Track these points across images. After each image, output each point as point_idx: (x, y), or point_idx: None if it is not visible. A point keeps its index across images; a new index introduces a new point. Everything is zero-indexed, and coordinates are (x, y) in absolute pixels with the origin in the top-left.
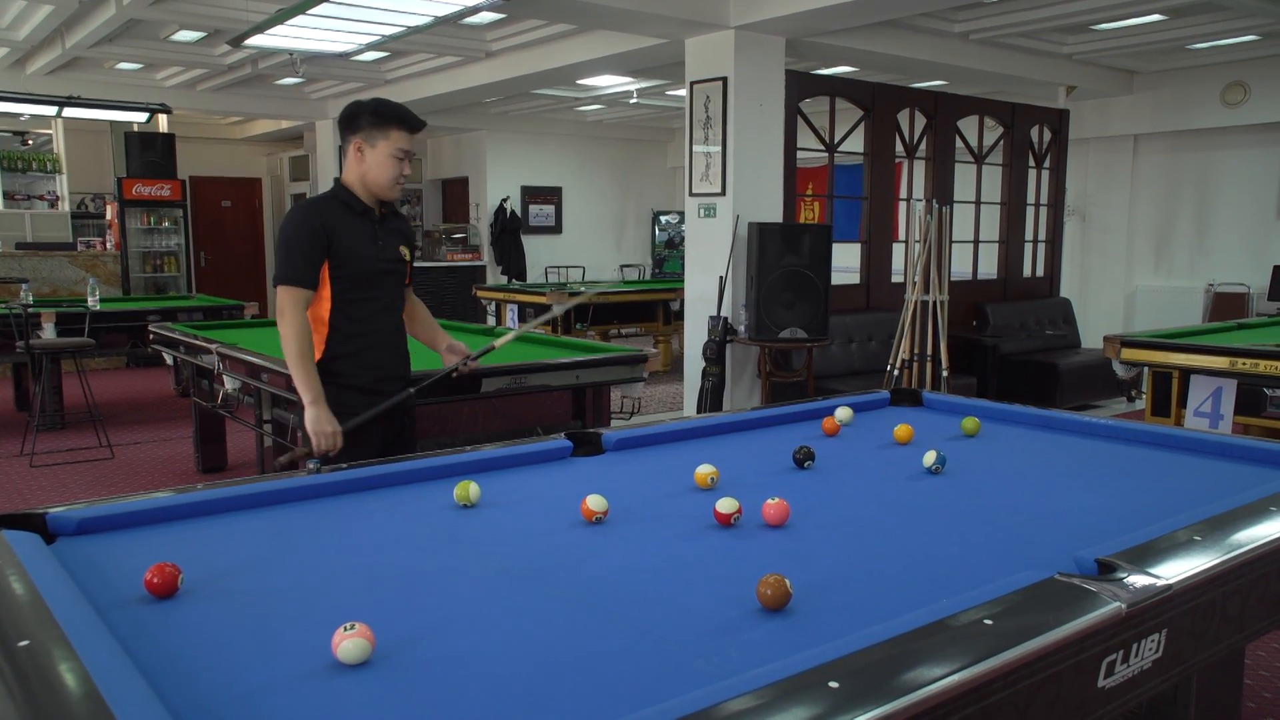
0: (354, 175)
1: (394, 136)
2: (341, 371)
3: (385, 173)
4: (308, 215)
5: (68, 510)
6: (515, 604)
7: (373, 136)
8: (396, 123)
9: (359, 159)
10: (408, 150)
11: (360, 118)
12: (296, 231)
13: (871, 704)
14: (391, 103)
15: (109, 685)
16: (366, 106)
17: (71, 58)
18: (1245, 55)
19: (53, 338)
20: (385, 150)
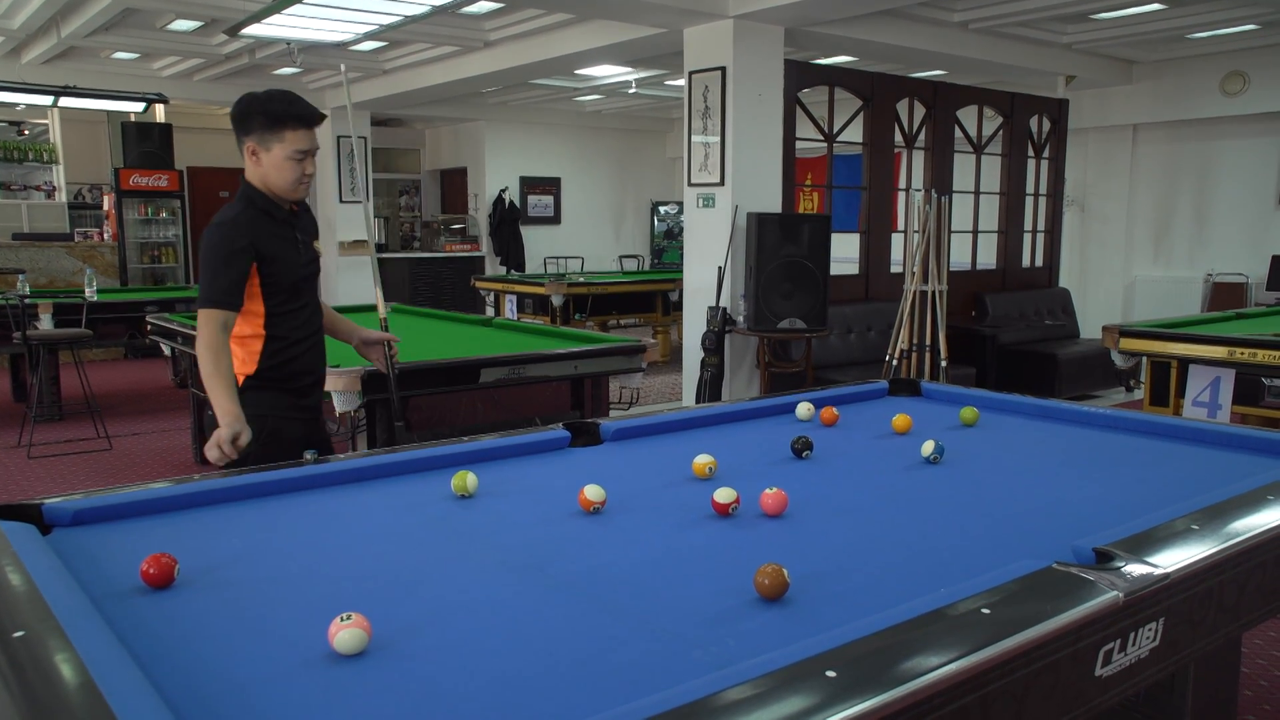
0: (255, 178)
1: (289, 138)
2: (279, 377)
3: (284, 177)
4: (231, 236)
5: (64, 501)
6: (513, 594)
7: (266, 139)
8: (291, 122)
9: (255, 163)
10: (307, 149)
11: (251, 119)
12: (216, 254)
13: (869, 693)
14: (284, 97)
15: (104, 676)
16: (257, 105)
17: (67, 47)
18: (1244, 45)
19: (50, 329)
20: (281, 153)
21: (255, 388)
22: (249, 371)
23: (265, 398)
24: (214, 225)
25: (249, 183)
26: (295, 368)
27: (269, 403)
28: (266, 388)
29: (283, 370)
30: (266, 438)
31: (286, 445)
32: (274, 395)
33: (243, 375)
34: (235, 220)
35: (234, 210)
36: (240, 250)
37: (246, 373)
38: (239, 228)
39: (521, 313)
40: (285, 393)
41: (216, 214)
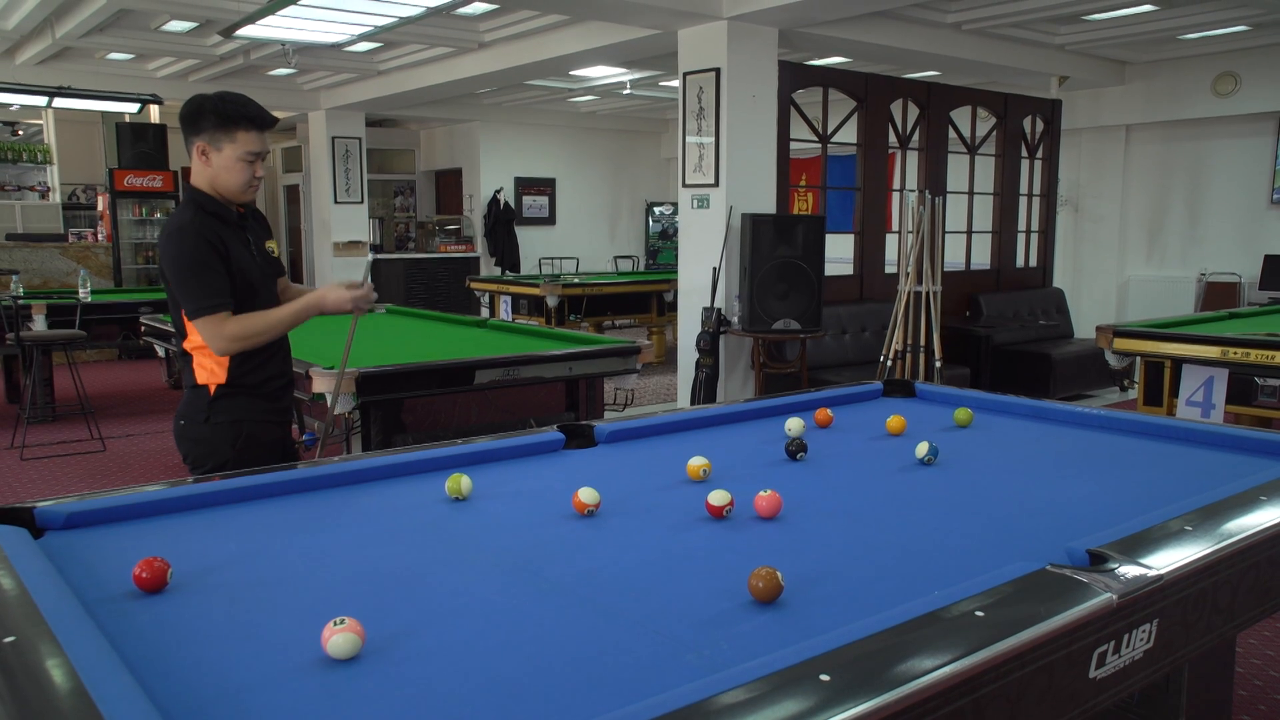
0: (205, 181)
1: (241, 139)
2: (251, 384)
3: (235, 178)
4: (201, 235)
5: (56, 504)
6: (506, 598)
7: (218, 139)
8: (244, 123)
9: (204, 163)
10: (258, 151)
11: (202, 118)
12: (190, 259)
13: (863, 696)
14: (237, 99)
15: (96, 681)
16: (209, 105)
17: (62, 48)
18: (1236, 45)
19: (43, 329)
20: (232, 154)
21: (228, 395)
22: (220, 381)
23: (239, 404)
24: (172, 233)
25: (195, 188)
26: (265, 373)
27: (243, 408)
28: (239, 394)
29: (253, 376)
30: (244, 443)
31: (264, 450)
32: (248, 400)
33: (214, 385)
34: (193, 223)
35: (186, 215)
36: (210, 248)
37: (218, 382)
38: (200, 228)
39: (516, 314)
40: (258, 398)
41: (169, 220)
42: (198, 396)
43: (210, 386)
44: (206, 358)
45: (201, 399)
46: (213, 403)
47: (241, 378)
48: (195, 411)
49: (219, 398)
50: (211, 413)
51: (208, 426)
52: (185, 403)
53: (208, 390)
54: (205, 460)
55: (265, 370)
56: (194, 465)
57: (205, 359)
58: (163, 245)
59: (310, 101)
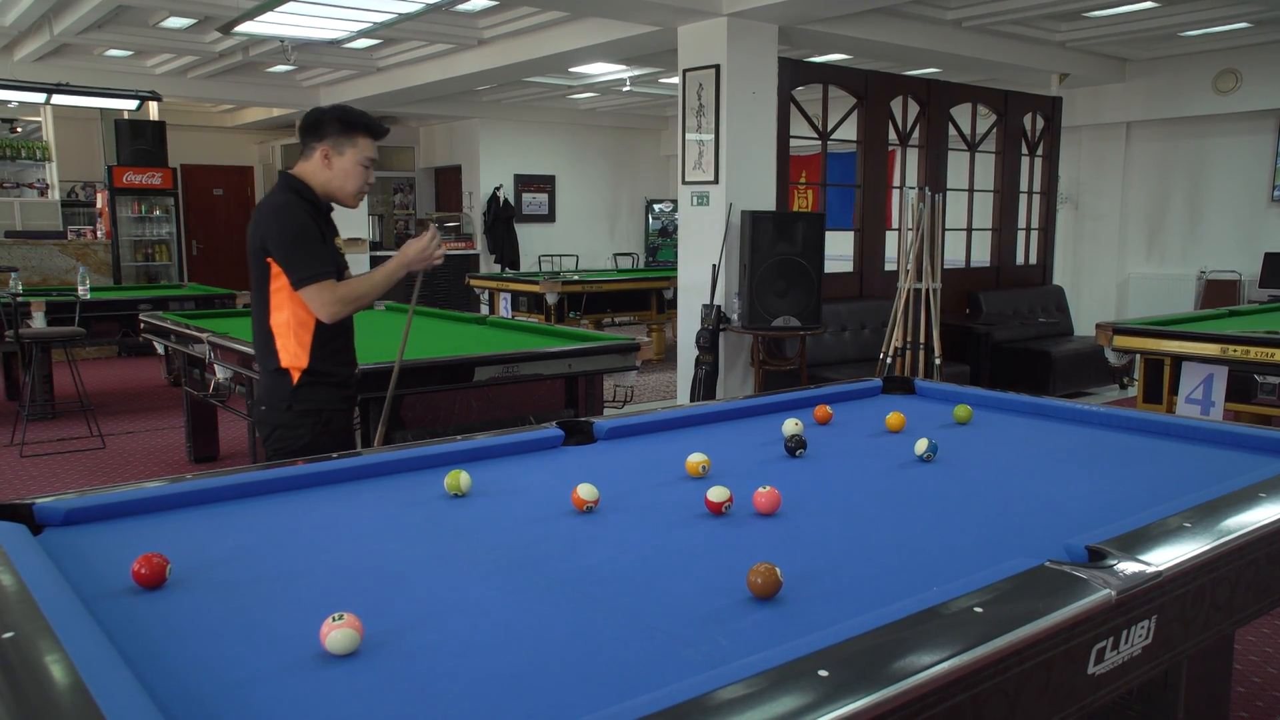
0: (318, 181)
1: (361, 145)
2: (328, 369)
3: (352, 181)
4: (303, 211)
5: (55, 501)
6: (505, 594)
7: (340, 144)
8: (364, 131)
9: (325, 165)
10: (374, 158)
11: (326, 125)
12: (305, 228)
13: (861, 692)
14: (357, 110)
15: (95, 677)
16: (332, 113)
17: (60, 44)
18: (1237, 43)
19: (43, 327)
20: (353, 158)
21: (309, 384)
22: (303, 365)
23: (320, 393)
24: (277, 208)
25: (294, 176)
26: (340, 358)
27: (324, 397)
28: (319, 383)
29: (330, 360)
30: (322, 429)
31: (338, 435)
32: (327, 390)
33: (298, 370)
34: (295, 202)
35: (285, 196)
36: (313, 224)
37: (300, 366)
38: (302, 208)
39: (516, 311)
40: (334, 386)
41: (267, 200)
42: (280, 383)
43: (293, 373)
44: (292, 336)
45: (284, 386)
46: (295, 391)
47: (321, 361)
48: (277, 399)
49: (301, 386)
50: (294, 400)
51: (290, 414)
52: (266, 389)
53: (290, 377)
54: (284, 444)
55: (341, 356)
56: (273, 450)
57: (289, 340)
58: (264, 222)
59: (309, 98)
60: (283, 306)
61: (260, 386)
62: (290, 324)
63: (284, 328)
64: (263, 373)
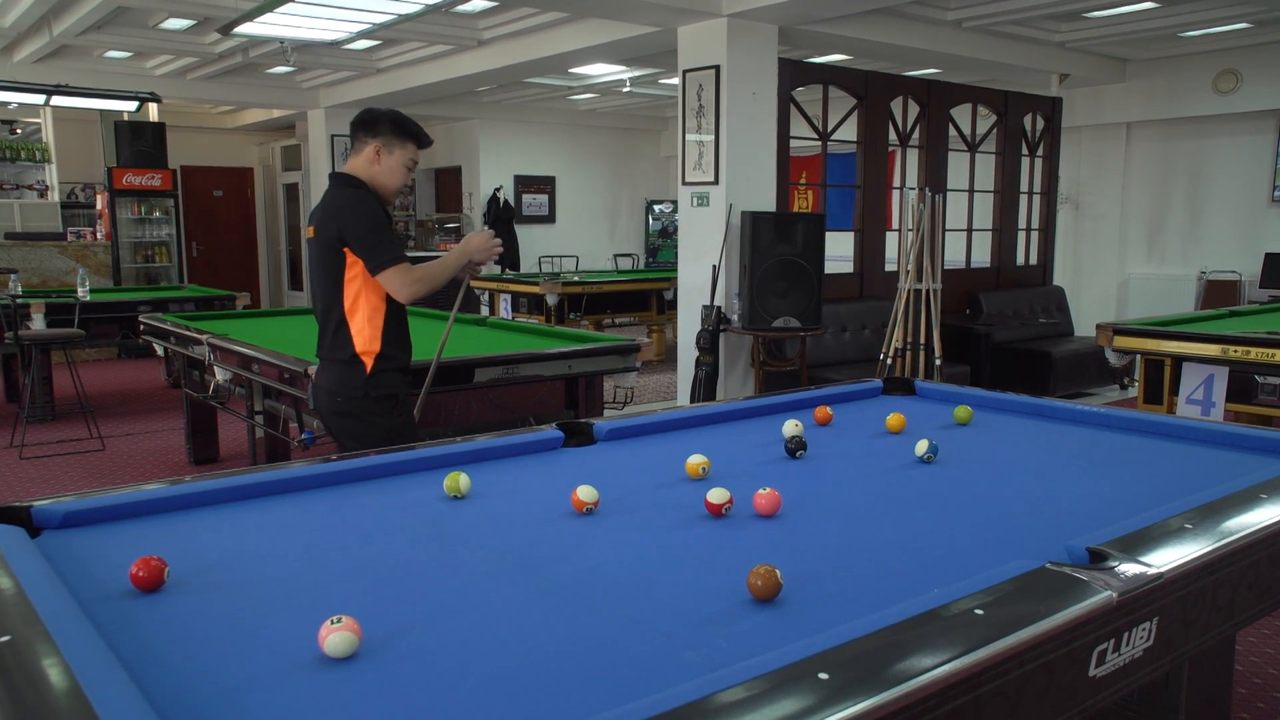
0: (366, 174)
1: (409, 148)
2: (395, 355)
3: (396, 179)
4: (374, 201)
5: (53, 503)
6: (504, 596)
7: (392, 144)
8: (414, 138)
9: (375, 160)
10: (416, 161)
11: (381, 124)
12: (376, 218)
13: (862, 695)
14: (405, 116)
15: (91, 681)
16: (387, 115)
17: (59, 45)
18: (1237, 43)
19: (42, 328)
20: (401, 159)
21: (383, 369)
22: (376, 350)
23: (392, 378)
24: (353, 202)
25: (352, 175)
26: (404, 344)
27: (396, 381)
28: (391, 368)
29: (397, 346)
30: (397, 413)
31: (407, 418)
32: (397, 374)
33: (372, 355)
34: (367, 195)
35: (354, 191)
36: (384, 213)
37: (374, 350)
38: (373, 200)
39: (516, 312)
40: (401, 370)
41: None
42: (353, 371)
43: (367, 359)
44: (367, 323)
45: (358, 374)
46: (370, 378)
47: (391, 346)
48: (352, 387)
49: (376, 372)
50: (369, 386)
51: (367, 400)
52: (337, 379)
53: (364, 365)
54: (362, 430)
55: (404, 342)
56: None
57: (364, 327)
58: (339, 214)
59: (309, 99)
60: (356, 295)
61: (328, 378)
62: (364, 312)
63: (358, 316)
64: (331, 364)
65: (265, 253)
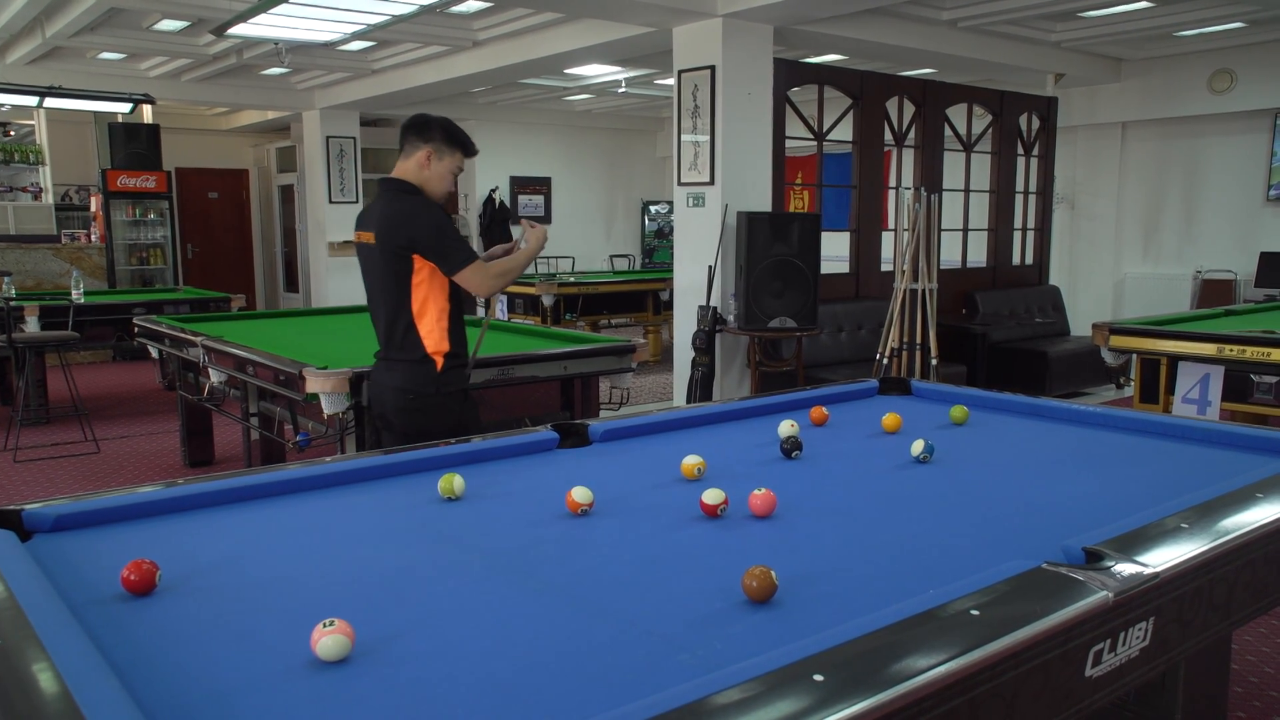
0: (417, 179)
1: (457, 156)
2: (460, 353)
3: (444, 184)
4: (439, 207)
5: (44, 506)
6: (499, 598)
7: (442, 151)
8: (462, 146)
9: (425, 165)
10: (462, 169)
11: (434, 130)
12: (446, 221)
13: (857, 697)
14: (455, 125)
15: (80, 686)
16: (439, 122)
17: (52, 47)
18: (1232, 42)
19: (36, 331)
20: (449, 165)
21: (452, 367)
22: (446, 349)
23: (459, 375)
24: (421, 208)
25: (403, 179)
26: (464, 343)
27: (462, 378)
28: (458, 365)
29: (460, 344)
30: (466, 407)
31: (472, 412)
32: (462, 371)
33: (442, 354)
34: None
35: (419, 198)
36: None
37: (444, 350)
38: (438, 205)
39: (512, 312)
40: (462, 367)
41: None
42: (424, 370)
43: (437, 358)
44: (435, 323)
45: (429, 372)
46: (441, 375)
47: (456, 344)
48: (424, 384)
49: (446, 370)
50: (441, 384)
51: (439, 396)
52: (409, 377)
53: (434, 364)
54: (433, 425)
55: (464, 340)
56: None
57: (433, 329)
58: (408, 222)
59: (304, 101)
60: (424, 299)
61: (399, 378)
62: (432, 314)
63: (426, 319)
64: (400, 364)
65: (261, 255)
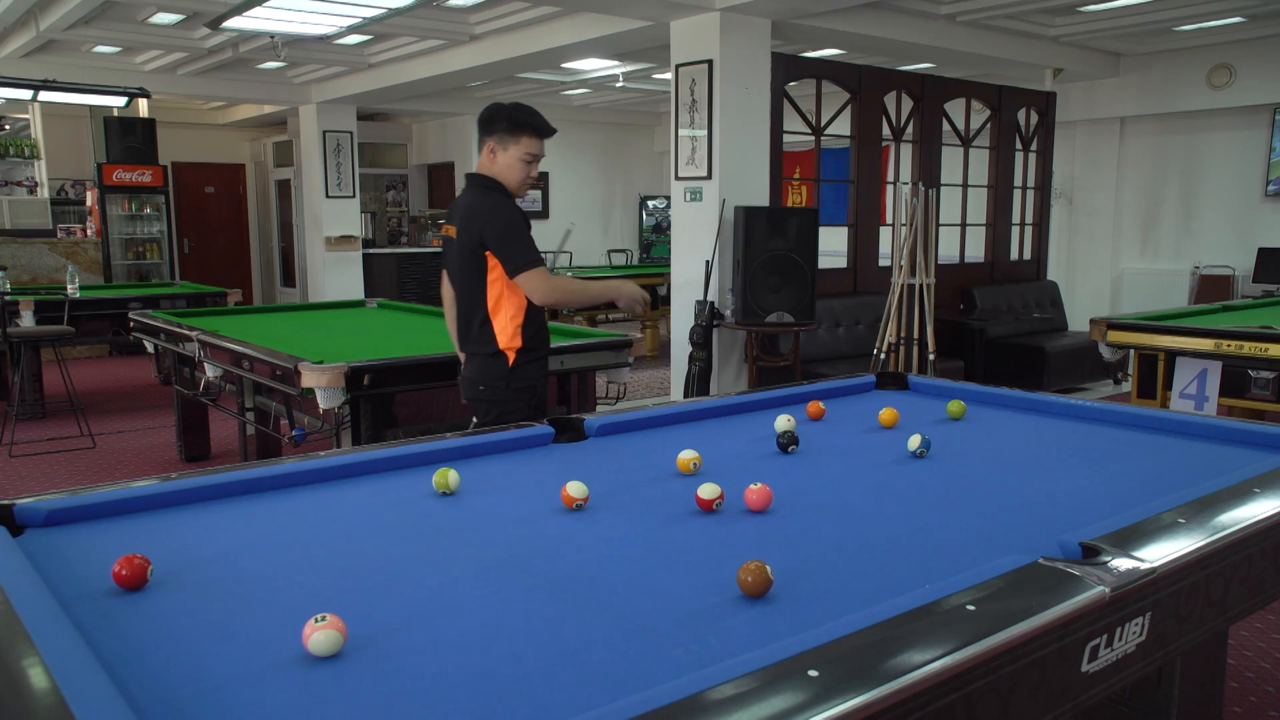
0: (491, 173)
1: (524, 142)
2: (535, 348)
3: (515, 174)
4: (514, 205)
5: (37, 501)
6: (493, 593)
7: (505, 140)
8: (528, 129)
9: (491, 160)
10: (536, 154)
11: (495, 121)
12: (521, 222)
13: (852, 692)
14: (526, 109)
15: (69, 682)
16: (503, 112)
17: (46, 40)
18: (1231, 37)
19: (32, 326)
20: (515, 154)
21: (525, 362)
22: (518, 345)
23: (532, 370)
24: (495, 206)
25: (488, 176)
26: (543, 337)
27: (535, 373)
28: (531, 361)
29: (536, 339)
30: (537, 402)
31: (543, 408)
32: (537, 366)
33: (514, 350)
34: (509, 200)
35: (496, 195)
36: (523, 217)
37: (517, 346)
38: (513, 204)
39: None
40: (540, 361)
41: (474, 201)
42: (496, 365)
43: (509, 354)
44: (510, 321)
45: (501, 367)
46: (513, 371)
47: (530, 339)
48: (495, 378)
49: (517, 365)
50: (512, 379)
51: (509, 391)
52: (481, 369)
53: (506, 359)
54: (503, 418)
55: (543, 335)
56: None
57: (506, 325)
58: (480, 218)
59: (301, 95)
60: (499, 296)
61: (473, 369)
62: (507, 311)
63: (500, 315)
64: (476, 357)
65: (257, 249)
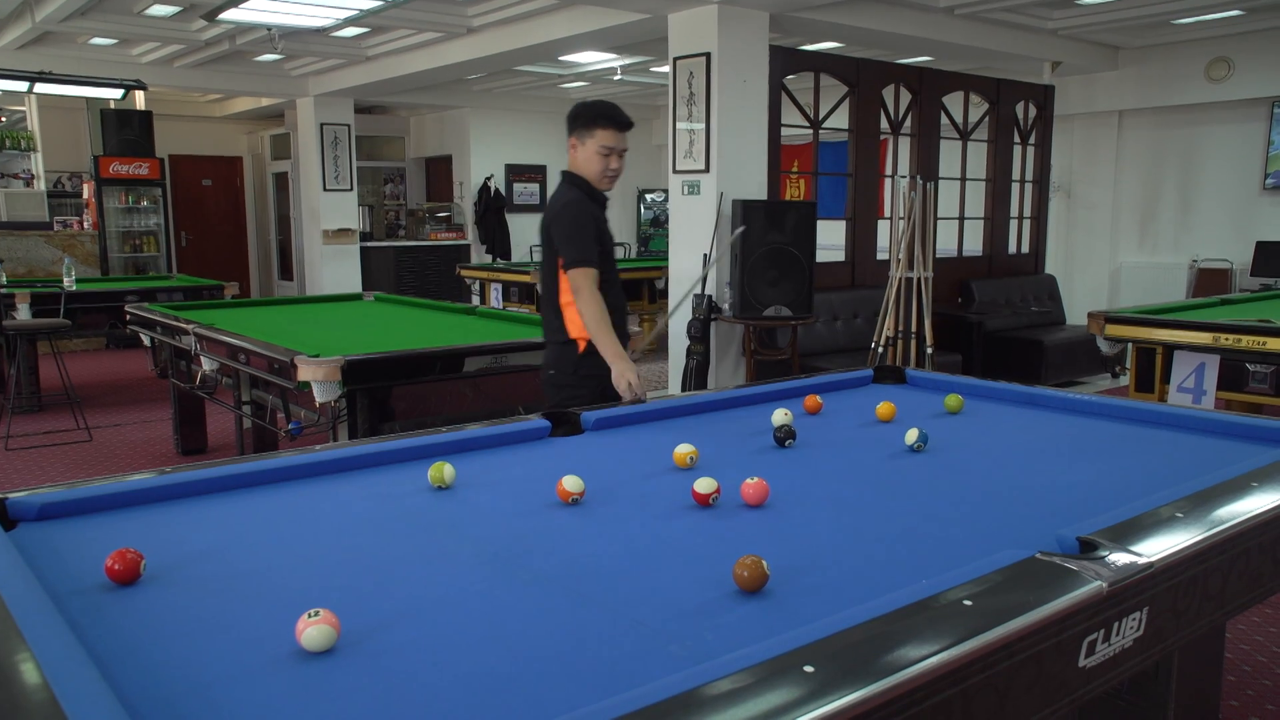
0: (575, 168)
1: (599, 135)
2: None
3: (593, 167)
4: (584, 206)
5: (29, 495)
6: (488, 588)
7: (583, 135)
8: (603, 121)
9: (574, 155)
10: (613, 146)
11: (576, 118)
12: (582, 220)
13: (848, 688)
14: (603, 104)
15: (60, 677)
16: (581, 107)
17: (42, 32)
18: (1229, 30)
19: (28, 318)
20: (592, 147)
21: (593, 352)
22: (588, 335)
23: (599, 361)
24: (567, 204)
25: (571, 172)
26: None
27: (602, 365)
28: (594, 352)
29: None
30: (600, 395)
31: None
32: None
33: (584, 339)
34: (580, 200)
35: (573, 193)
36: (592, 218)
37: (586, 336)
38: (583, 201)
39: (507, 301)
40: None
41: (557, 195)
42: (568, 352)
43: (580, 342)
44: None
45: (571, 354)
46: (581, 359)
47: None
48: (565, 365)
49: (586, 354)
50: (580, 366)
51: (576, 377)
52: (554, 356)
53: (576, 347)
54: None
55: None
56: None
57: (577, 314)
58: (554, 214)
59: (298, 88)
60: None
61: (548, 355)
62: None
63: (572, 306)
64: (551, 344)
65: (255, 242)
